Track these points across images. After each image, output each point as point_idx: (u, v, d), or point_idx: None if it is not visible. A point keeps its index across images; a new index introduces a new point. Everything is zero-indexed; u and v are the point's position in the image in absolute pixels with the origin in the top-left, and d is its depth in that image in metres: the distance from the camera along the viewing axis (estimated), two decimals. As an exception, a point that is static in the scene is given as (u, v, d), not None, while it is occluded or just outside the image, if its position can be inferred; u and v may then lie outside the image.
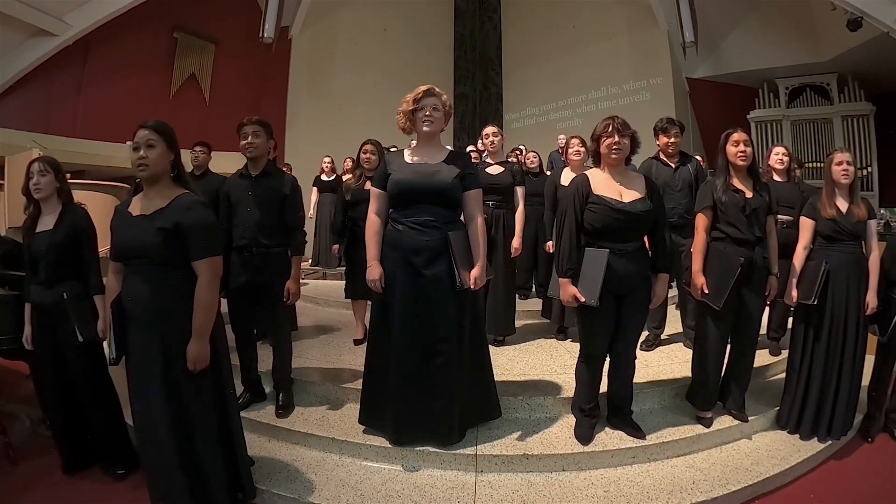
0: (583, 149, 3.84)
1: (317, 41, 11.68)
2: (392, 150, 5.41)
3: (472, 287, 2.54)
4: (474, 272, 2.55)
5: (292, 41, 11.47)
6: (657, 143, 3.82)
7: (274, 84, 11.35)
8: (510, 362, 3.56)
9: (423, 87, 2.60)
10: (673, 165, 3.74)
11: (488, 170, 3.86)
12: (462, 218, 2.69)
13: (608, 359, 2.76)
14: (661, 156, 3.81)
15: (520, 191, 3.87)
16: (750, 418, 2.99)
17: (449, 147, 2.78)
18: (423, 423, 2.58)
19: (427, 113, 2.56)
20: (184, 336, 1.98)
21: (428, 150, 2.65)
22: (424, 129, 2.59)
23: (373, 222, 2.65)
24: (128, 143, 2.07)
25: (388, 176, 2.61)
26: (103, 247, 2.49)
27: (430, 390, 2.55)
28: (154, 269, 2.00)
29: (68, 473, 2.66)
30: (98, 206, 2.96)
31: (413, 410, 2.58)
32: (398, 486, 2.45)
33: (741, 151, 2.84)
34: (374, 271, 2.58)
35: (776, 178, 3.80)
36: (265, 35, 9.60)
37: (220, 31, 10.82)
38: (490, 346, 3.15)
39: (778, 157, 3.80)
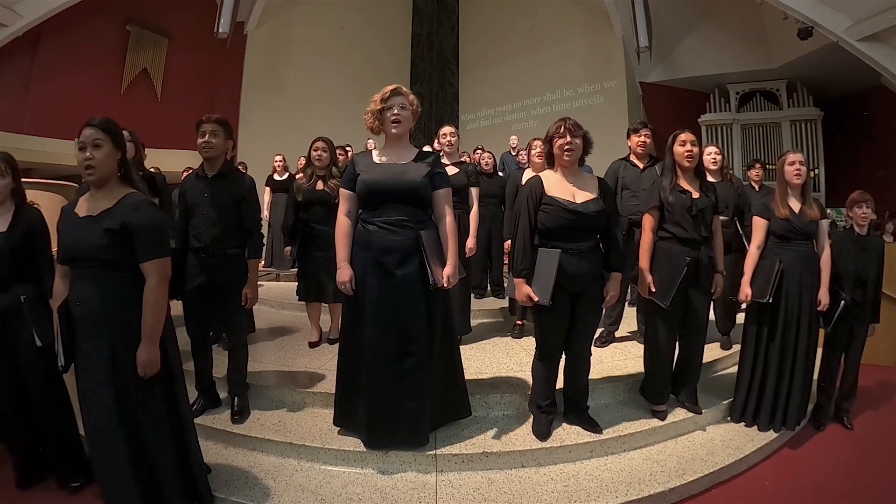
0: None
1: (272, 37, 11.49)
2: (348, 149, 5.38)
3: (445, 286, 2.54)
4: (447, 270, 2.54)
5: (247, 37, 11.23)
6: (629, 143, 3.90)
7: (228, 80, 11.10)
8: (467, 361, 3.51)
9: (391, 87, 2.59)
10: (641, 166, 3.83)
11: None
12: (433, 217, 2.68)
13: (564, 356, 2.81)
14: (631, 157, 3.89)
15: (474, 192, 3.89)
16: (703, 410, 3.09)
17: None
18: (395, 424, 2.57)
19: (395, 112, 2.55)
20: (133, 341, 1.92)
21: (396, 150, 2.64)
22: (393, 130, 2.58)
23: (342, 224, 2.62)
24: (76, 140, 1.98)
25: (357, 176, 2.58)
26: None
27: (403, 391, 2.54)
28: (102, 272, 1.93)
29: (22, 487, 2.51)
30: (46, 205, 2.82)
31: (386, 412, 2.56)
32: (359, 489, 2.43)
33: (688, 151, 2.92)
34: (343, 273, 2.54)
35: (710, 177, 3.81)
36: (220, 30, 9.36)
37: (174, 24, 10.51)
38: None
39: (710, 156, 3.83)
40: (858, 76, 9.17)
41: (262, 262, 7.38)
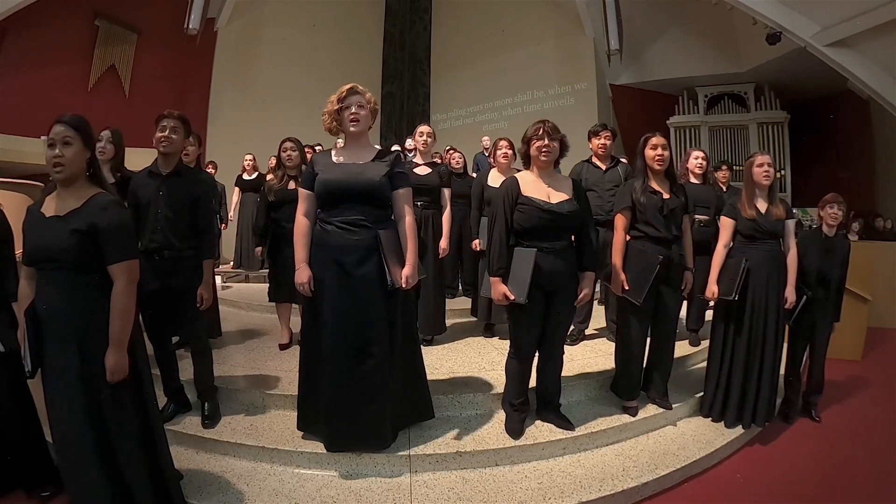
0: (510, 151, 3.93)
1: (243, 35, 11.28)
2: (318, 148, 5.33)
3: (403, 286, 2.52)
4: (405, 271, 2.53)
5: (218, 34, 11.02)
6: (590, 145, 3.97)
7: (197, 78, 10.85)
8: (439, 361, 3.58)
9: (347, 86, 2.56)
10: (603, 167, 3.91)
11: (416, 170, 3.86)
12: (393, 217, 2.66)
13: (537, 354, 2.82)
14: (593, 158, 3.97)
15: (446, 192, 3.90)
16: (673, 406, 3.15)
17: (378, 146, 2.75)
18: (356, 426, 2.55)
19: (353, 111, 2.52)
20: (101, 345, 1.87)
21: (355, 149, 2.61)
22: (351, 128, 2.54)
23: (301, 224, 2.59)
24: (42, 137, 1.93)
25: (315, 176, 2.55)
26: (16, 250, 2.29)
27: (363, 393, 2.51)
28: (69, 275, 1.88)
29: None
30: (10, 205, 2.71)
31: (346, 414, 2.53)
32: (333, 491, 2.42)
33: (658, 155, 2.98)
34: (302, 274, 2.51)
35: (693, 180, 4.01)
36: (190, 26, 9.19)
37: (144, 20, 10.25)
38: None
39: (697, 161, 4.01)
40: (825, 80, 9.44)
41: (231, 263, 7.29)
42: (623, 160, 4.23)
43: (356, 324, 2.49)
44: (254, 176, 7.03)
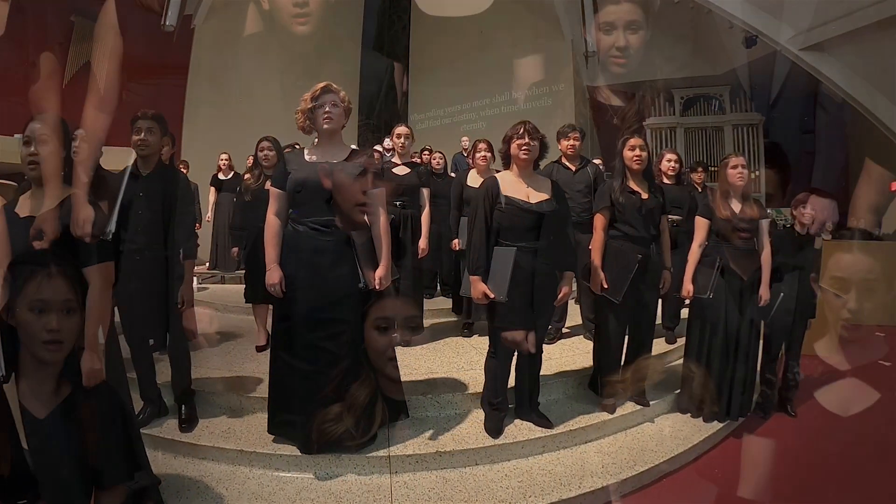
0: (489, 154, 3.96)
1: (221, 32, 11.13)
2: (296, 147, 5.29)
3: (376, 287, 2.51)
4: (379, 272, 2.52)
5: (195, 31, 10.86)
6: (559, 147, 3.99)
7: (173, 76, 10.67)
8: (417, 361, 3.58)
9: (321, 84, 2.54)
10: (573, 168, 3.95)
11: (395, 170, 3.85)
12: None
13: (516, 352, 2.83)
14: (563, 159, 4.01)
15: (425, 192, 3.89)
16: (651, 403, 3.20)
17: (353, 146, 2.73)
18: (332, 428, 2.52)
19: (326, 110, 2.50)
20: (77, 348, 1.82)
21: (329, 149, 2.58)
22: (325, 126, 2.52)
23: (271, 224, 2.55)
24: (16, 135, 1.89)
25: (288, 175, 2.53)
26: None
27: (336, 394, 2.49)
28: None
29: None
30: (-19, 203, 2.65)
31: (321, 416, 2.50)
32: (313, 494, 2.40)
33: (637, 156, 3.02)
34: (273, 275, 2.48)
35: (666, 181, 4.04)
36: (167, 23, 9.05)
37: (120, 16, 10.05)
38: (397, 346, 3.12)
39: (670, 163, 4.05)
40: (800, 83, 9.61)
41: (207, 264, 7.18)
42: (595, 161, 4.28)
43: (329, 325, 2.47)
44: (230, 176, 6.90)
